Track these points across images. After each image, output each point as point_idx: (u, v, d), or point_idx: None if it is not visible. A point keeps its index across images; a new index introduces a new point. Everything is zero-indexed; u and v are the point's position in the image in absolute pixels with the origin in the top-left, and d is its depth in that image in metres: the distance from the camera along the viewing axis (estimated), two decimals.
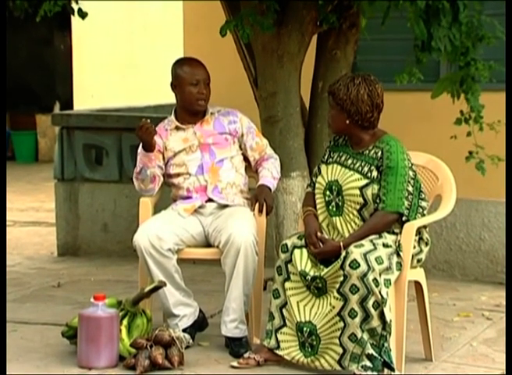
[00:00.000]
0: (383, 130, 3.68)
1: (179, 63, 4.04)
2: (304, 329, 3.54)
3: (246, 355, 3.65)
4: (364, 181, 3.57)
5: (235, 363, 3.64)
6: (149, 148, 3.89)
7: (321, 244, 3.55)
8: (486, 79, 4.42)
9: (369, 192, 3.56)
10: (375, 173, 3.57)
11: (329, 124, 3.72)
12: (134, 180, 4.02)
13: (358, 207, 3.57)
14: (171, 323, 3.84)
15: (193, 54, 6.86)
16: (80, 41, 10.35)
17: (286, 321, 3.60)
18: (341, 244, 3.51)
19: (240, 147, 4.02)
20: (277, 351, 3.61)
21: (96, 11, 5.67)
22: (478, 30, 4.41)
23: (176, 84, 3.98)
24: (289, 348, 3.59)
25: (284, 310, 3.60)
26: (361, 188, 3.57)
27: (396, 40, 5.61)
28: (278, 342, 3.61)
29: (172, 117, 4.04)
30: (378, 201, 3.54)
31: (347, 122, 3.61)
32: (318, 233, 3.58)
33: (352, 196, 3.58)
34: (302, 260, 3.57)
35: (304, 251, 3.59)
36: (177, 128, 4.00)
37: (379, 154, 3.59)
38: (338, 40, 4.73)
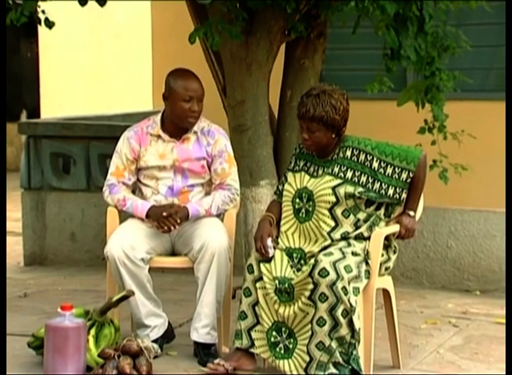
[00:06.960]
0: None
1: (173, 75, 3.84)
2: (283, 329, 3.53)
3: (216, 361, 3.63)
4: (337, 181, 3.58)
5: (205, 369, 3.62)
6: (151, 221, 3.79)
7: (263, 251, 3.55)
8: (450, 89, 4.47)
9: (342, 191, 3.56)
10: (349, 174, 3.58)
11: (308, 145, 3.62)
12: (113, 202, 3.88)
13: (329, 206, 3.57)
14: (141, 334, 3.80)
15: (162, 62, 6.84)
16: (47, 49, 10.27)
17: (260, 319, 3.57)
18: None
19: (209, 168, 3.90)
20: (252, 350, 3.58)
21: (63, 19, 5.64)
22: (443, 40, 4.47)
23: (168, 97, 3.82)
24: (264, 347, 3.57)
25: (257, 308, 3.57)
26: (334, 187, 3.57)
27: (362, 49, 5.66)
28: (252, 340, 3.58)
29: (158, 122, 3.88)
30: (403, 170, 3.56)
31: (333, 136, 3.61)
32: (265, 241, 3.55)
33: (323, 196, 3.58)
34: (275, 267, 3.55)
35: (277, 258, 3.57)
36: (159, 137, 3.88)
37: (348, 153, 3.60)
38: (306, 49, 4.75)
